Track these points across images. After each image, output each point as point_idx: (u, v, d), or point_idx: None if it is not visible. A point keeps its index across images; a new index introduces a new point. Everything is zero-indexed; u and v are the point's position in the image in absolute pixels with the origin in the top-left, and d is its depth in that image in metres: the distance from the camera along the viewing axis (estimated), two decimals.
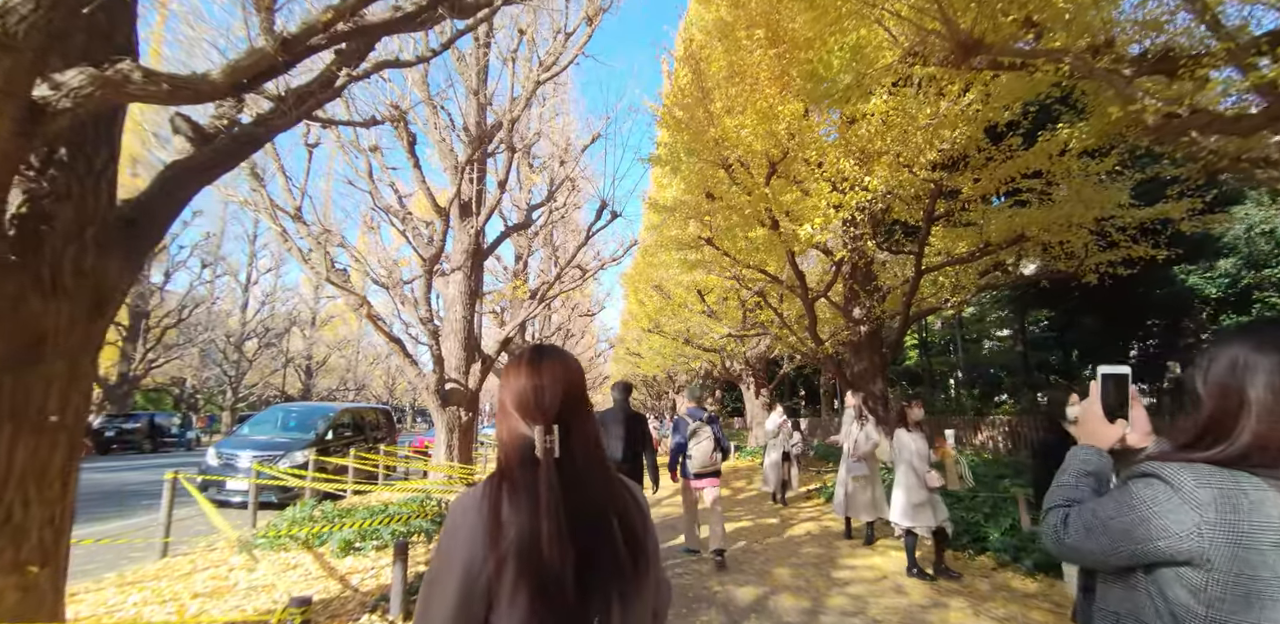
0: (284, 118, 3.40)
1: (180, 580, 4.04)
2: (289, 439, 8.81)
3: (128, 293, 2.83)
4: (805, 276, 9.19)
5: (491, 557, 0.87)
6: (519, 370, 0.99)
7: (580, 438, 0.97)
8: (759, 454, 14.39)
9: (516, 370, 1.00)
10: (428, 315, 8.35)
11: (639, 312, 17.73)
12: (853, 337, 9.65)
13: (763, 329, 12.76)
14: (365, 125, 5.54)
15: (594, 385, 36.27)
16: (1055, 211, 7.58)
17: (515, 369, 1.00)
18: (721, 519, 4.96)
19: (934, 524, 4.42)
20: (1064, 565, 3.38)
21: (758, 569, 4.68)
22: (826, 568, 4.69)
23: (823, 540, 5.72)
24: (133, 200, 2.90)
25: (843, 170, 6.64)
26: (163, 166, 3.05)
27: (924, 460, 4.52)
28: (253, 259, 29.44)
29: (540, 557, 0.86)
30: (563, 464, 0.93)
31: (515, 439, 0.96)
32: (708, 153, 8.13)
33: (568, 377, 0.99)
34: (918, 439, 4.63)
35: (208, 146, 3.16)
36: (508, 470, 0.95)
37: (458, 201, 9.50)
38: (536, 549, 0.86)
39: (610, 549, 0.91)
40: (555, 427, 0.94)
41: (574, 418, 0.97)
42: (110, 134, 2.69)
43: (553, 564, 0.86)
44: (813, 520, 6.75)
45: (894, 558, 4.97)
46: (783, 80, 7.68)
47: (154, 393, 33.85)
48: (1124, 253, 8.15)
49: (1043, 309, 20.92)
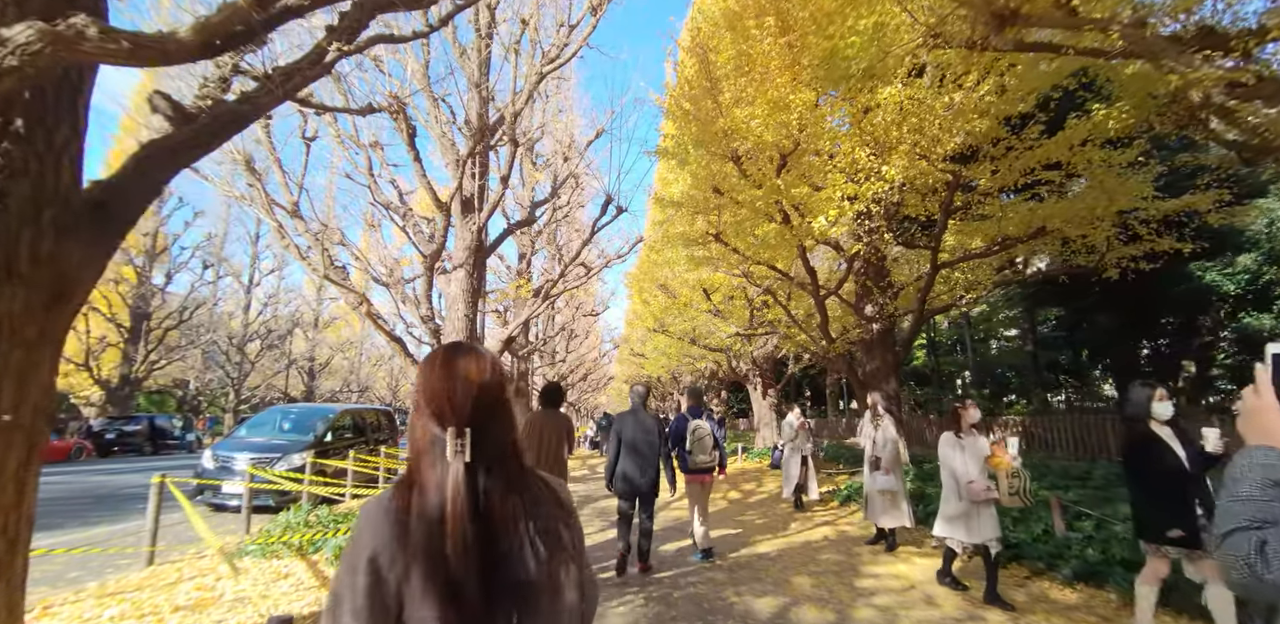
0: (270, 95, 3.17)
1: (164, 591, 3.80)
2: (287, 441, 8.58)
3: (95, 281, 2.59)
4: (816, 273, 8.95)
5: (399, 560, 0.86)
6: (432, 370, 0.97)
7: (494, 441, 0.95)
8: (767, 455, 14.13)
9: (430, 370, 0.97)
10: (429, 314, 8.13)
11: (643, 311, 17.48)
12: (865, 334, 9.40)
13: (771, 328, 12.49)
14: (361, 113, 5.31)
15: (599, 386, 36.03)
16: (1077, 203, 7.33)
17: (428, 368, 0.97)
18: (706, 520, 5.21)
19: (967, 541, 3.92)
20: (1140, 584, 3.09)
21: (775, 577, 4.42)
22: (849, 576, 4.43)
23: (841, 546, 5.46)
24: (103, 182, 2.67)
25: (858, 160, 6.39)
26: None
27: (978, 467, 3.91)
28: (255, 260, 29.30)
29: (446, 561, 0.85)
30: (474, 467, 0.91)
31: (426, 441, 0.93)
32: (716, 145, 7.90)
33: (483, 377, 0.96)
34: (971, 444, 4.03)
35: (188, 126, 2.93)
36: (417, 472, 0.93)
37: (459, 197, 9.29)
38: (443, 553, 0.86)
39: (521, 553, 0.90)
40: (467, 429, 0.91)
41: (490, 420, 0.95)
42: (74, 106, 2.46)
43: (458, 568, 0.85)
44: (828, 525, 6.49)
45: (919, 566, 4.71)
46: (793, 70, 7.43)
47: (157, 395, 33.76)
48: (1147, 246, 7.89)
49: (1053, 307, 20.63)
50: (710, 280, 13.33)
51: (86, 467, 14.93)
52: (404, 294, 8.70)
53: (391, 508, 0.90)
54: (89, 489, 10.35)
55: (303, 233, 7.75)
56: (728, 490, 9.60)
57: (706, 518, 5.21)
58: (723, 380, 21.53)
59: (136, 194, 2.73)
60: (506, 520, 0.91)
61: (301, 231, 7.74)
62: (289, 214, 7.71)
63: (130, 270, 23.09)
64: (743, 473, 12.39)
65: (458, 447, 0.90)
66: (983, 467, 3.92)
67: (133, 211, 2.75)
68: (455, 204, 9.23)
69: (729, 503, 8.32)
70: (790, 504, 7.46)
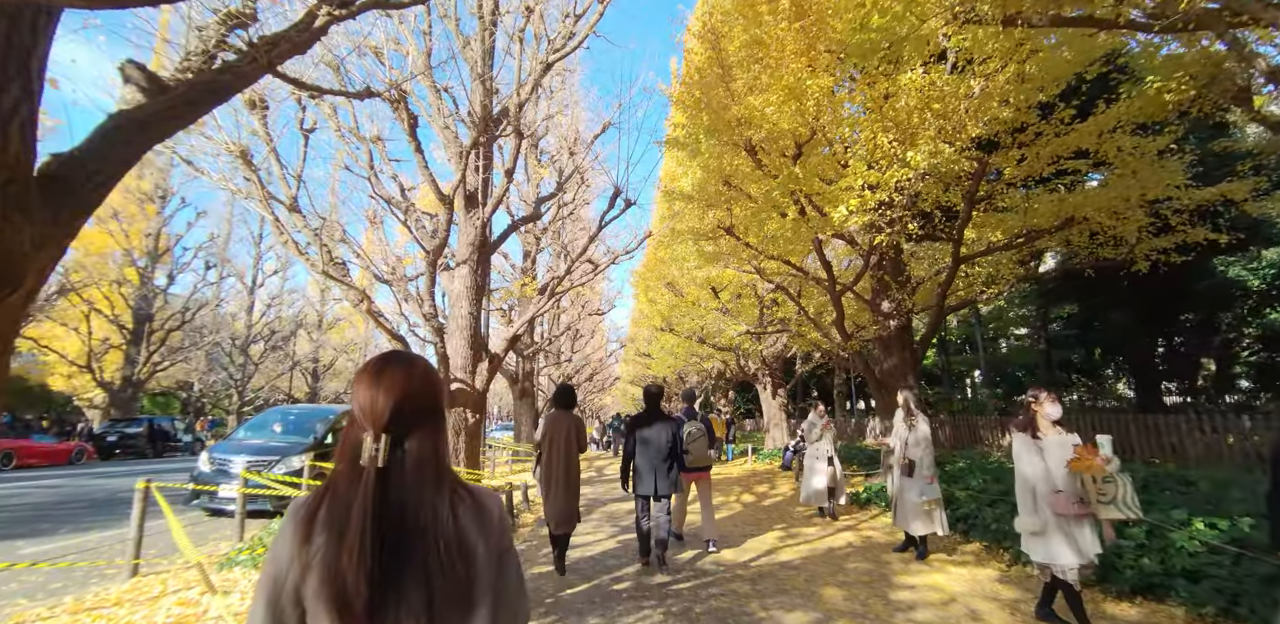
0: (254, 64, 2.90)
1: (145, 606, 3.53)
2: (286, 443, 8.31)
3: (52, 265, 2.31)
4: (832, 267, 8.64)
5: (298, 563, 0.86)
6: (361, 377, 0.98)
7: (414, 449, 0.94)
8: (777, 456, 13.79)
9: (360, 377, 0.98)
10: (432, 312, 7.86)
11: (650, 311, 17.20)
12: (882, 332, 9.07)
13: (782, 326, 12.17)
14: (359, 96, 5.04)
15: (604, 387, 35.72)
16: (1109, 192, 7.00)
17: (359, 376, 0.99)
18: (713, 511, 5.56)
19: (1078, 562, 3.14)
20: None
21: (803, 589, 4.11)
22: (882, 588, 4.12)
23: (868, 553, 5.15)
24: (63, 154, 2.40)
25: (880, 146, 6.09)
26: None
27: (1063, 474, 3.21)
28: (258, 261, 29.13)
29: (339, 568, 0.84)
30: (388, 475, 0.91)
31: (348, 446, 0.94)
32: (729, 134, 7.60)
33: (406, 386, 0.96)
34: (1052, 445, 3.28)
35: (162, 96, 2.65)
36: (335, 477, 0.94)
37: (463, 190, 9.01)
38: (337, 559, 0.85)
39: (423, 567, 0.87)
40: (384, 436, 0.91)
41: (412, 428, 0.95)
42: (24, 69, 2.17)
43: (346, 577, 0.84)
44: (850, 530, 6.17)
45: (955, 576, 4.39)
46: (809, 55, 7.13)
47: (161, 397, 33.67)
48: (1179, 238, 7.56)
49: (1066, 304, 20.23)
50: (719, 278, 13.03)
51: (86, 470, 14.72)
52: (406, 292, 8.43)
53: (302, 513, 0.90)
54: (86, 492, 10.12)
55: (301, 229, 7.49)
56: (740, 493, 9.29)
57: (711, 511, 5.53)
58: (730, 380, 21.21)
59: (101, 169, 2.45)
60: (412, 532, 0.88)
61: (300, 227, 7.48)
62: (287, 209, 7.45)
63: (133, 271, 22.94)
64: (753, 474, 12.07)
65: (373, 452, 0.89)
66: (1069, 473, 3.21)
67: (97, 189, 2.47)
68: (458, 198, 8.95)
69: (743, 506, 8.01)
70: (812, 509, 7.08)
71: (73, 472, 14.14)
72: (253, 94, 6.97)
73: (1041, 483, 3.23)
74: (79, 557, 5.29)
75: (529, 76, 8.08)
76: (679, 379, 27.17)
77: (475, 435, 8.47)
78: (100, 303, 21.42)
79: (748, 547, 5.46)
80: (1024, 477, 3.33)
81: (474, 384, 8.48)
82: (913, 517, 4.78)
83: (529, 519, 7.14)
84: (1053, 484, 3.21)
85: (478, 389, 8.49)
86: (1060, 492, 3.18)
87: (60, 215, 2.29)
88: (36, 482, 11.67)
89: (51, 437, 17.85)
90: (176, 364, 25.73)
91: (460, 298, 9.09)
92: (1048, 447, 3.28)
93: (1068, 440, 3.29)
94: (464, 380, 8.43)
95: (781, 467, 12.30)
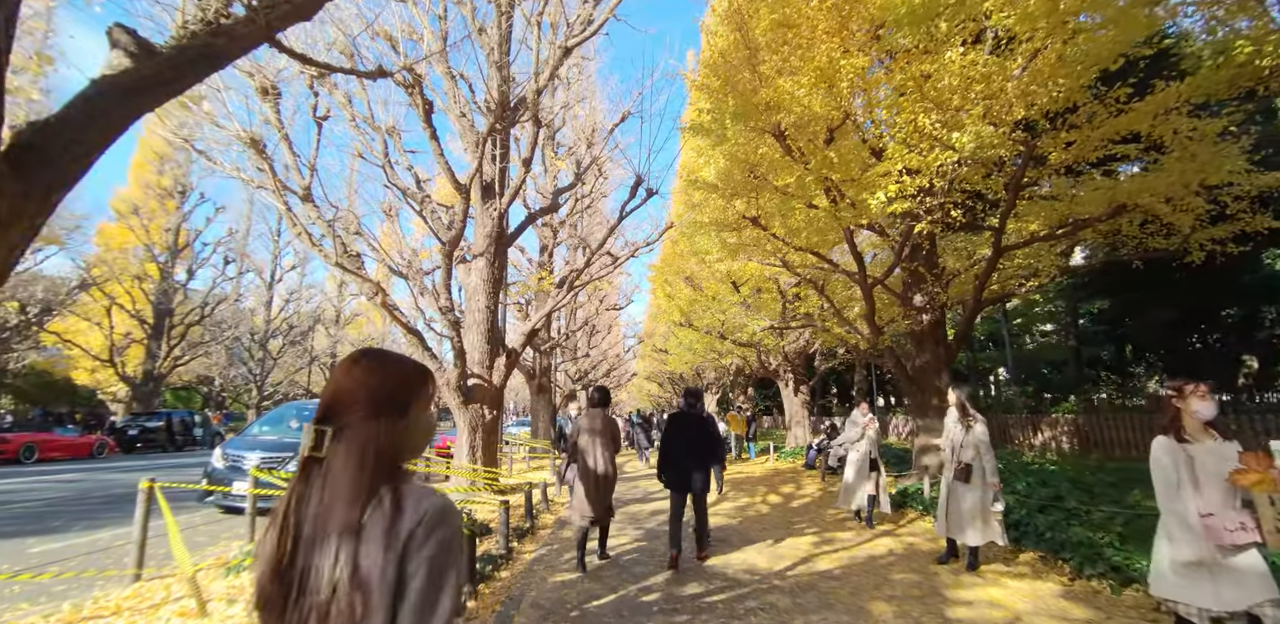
0: (251, 26, 2.63)
1: (145, 615, 3.31)
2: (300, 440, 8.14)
3: (26, 242, 2.07)
4: (863, 258, 8.26)
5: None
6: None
7: (344, 445, 0.90)
8: (800, 455, 13.43)
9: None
10: (448, 305, 7.62)
11: (668, 305, 16.85)
12: (914, 326, 8.67)
13: (807, 320, 11.78)
14: (371, 76, 4.76)
15: (621, 383, 35.47)
16: (1166, 177, 6.53)
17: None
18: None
19: (1214, 608, 2.47)
20: None
21: (848, 604, 3.79)
22: (935, 603, 3.79)
23: (912, 562, 4.81)
24: (38, 122, 2.15)
25: (922, 127, 5.70)
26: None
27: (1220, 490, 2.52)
28: (277, 256, 29.23)
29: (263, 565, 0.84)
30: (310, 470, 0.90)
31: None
32: (756, 119, 7.23)
33: (348, 378, 0.95)
34: (1206, 453, 2.59)
35: (150, 61, 2.39)
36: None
37: (479, 180, 8.76)
38: (262, 556, 0.85)
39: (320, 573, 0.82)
40: (313, 428, 0.90)
41: (347, 423, 0.91)
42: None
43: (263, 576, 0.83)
44: (889, 535, 5.83)
45: (1014, 590, 4.04)
46: (841, 35, 6.74)
47: (183, 391, 34.10)
48: (1238, 226, 7.08)
49: (1098, 300, 19.56)
50: (740, 271, 12.66)
51: (107, 463, 14.79)
52: (422, 285, 8.21)
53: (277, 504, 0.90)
54: (104, 487, 10.07)
55: (315, 220, 7.28)
56: (766, 493, 8.96)
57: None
58: (750, 377, 20.83)
59: (81, 139, 2.19)
60: (313, 535, 0.85)
61: (315, 218, 7.28)
62: (300, 199, 7.25)
63: (153, 266, 23.10)
64: (777, 473, 11.74)
65: (310, 442, 0.89)
66: (1228, 490, 2.52)
67: (77, 160, 2.21)
68: (475, 188, 8.69)
69: (770, 508, 7.69)
70: (844, 511, 6.73)
71: (93, 465, 14.20)
72: (264, 80, 6.76)
73: (1189, 502, 2.55)
74: (87, 558, 5.14)
75: (547, 62, 7.78)
76: (696, 375, 26.83)
77: (492, 431, 8.24)
78: (121, 297, 21.59)
79: (781, 553, 5.15)
80: (1168, 491, 2.62)
81: (491, 379, 8.24)
82: (967, 525, 4.42)
83: (548, 520, 6.89)
84: (1206, 505, 2.52)
85: (495, 385, 8.26)
86: (1212, 515, 2.49)
87: (33, 189, 2.04)
88: (56, 476, 11.68)
89: (78, 430, 18.00)
90: (197, 358, 25.95)
91: (477, 291, 8.85)
92: (1197, 455, 2.59)
93: (1226, 449, 2.59)
94: (481, 376, 8.19)
95: (805, 465, 11.96)
